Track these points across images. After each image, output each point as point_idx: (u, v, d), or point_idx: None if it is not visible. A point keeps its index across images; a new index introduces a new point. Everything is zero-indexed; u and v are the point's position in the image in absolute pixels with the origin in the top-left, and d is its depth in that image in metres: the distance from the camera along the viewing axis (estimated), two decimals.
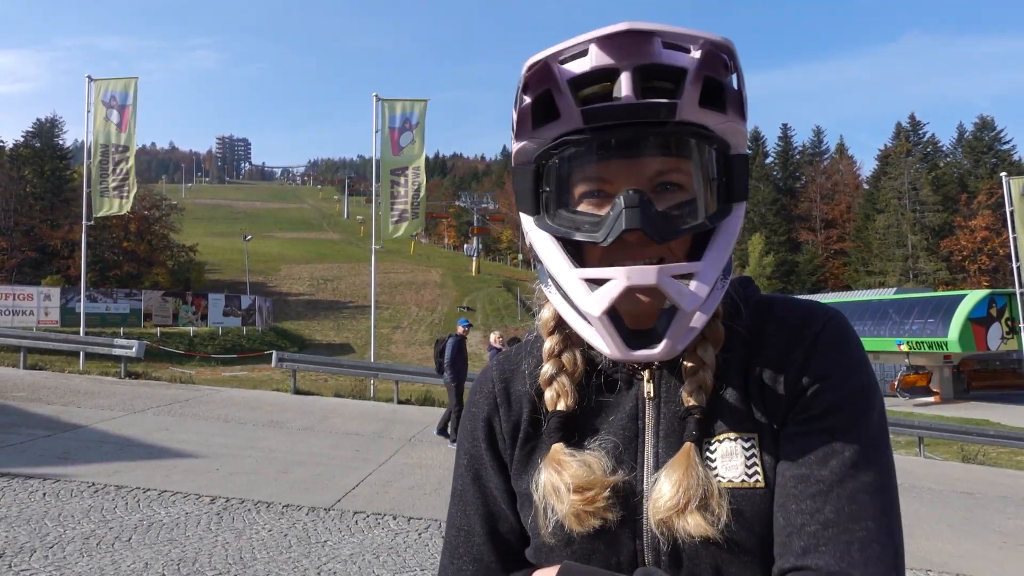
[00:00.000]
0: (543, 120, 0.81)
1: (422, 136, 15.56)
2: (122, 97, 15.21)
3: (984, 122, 66.90)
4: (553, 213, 0.84)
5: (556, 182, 0.84)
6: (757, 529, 0.79)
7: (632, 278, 0.76)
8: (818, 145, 78.45)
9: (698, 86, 0.77)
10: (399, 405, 14.20)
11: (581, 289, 0.80)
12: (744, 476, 0.80)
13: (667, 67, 0.77)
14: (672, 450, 0.83)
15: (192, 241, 54.91)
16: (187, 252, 53.06)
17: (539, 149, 0.83)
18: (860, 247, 62.30)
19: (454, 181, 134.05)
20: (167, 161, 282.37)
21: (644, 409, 0.87)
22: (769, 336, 0.87)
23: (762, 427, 0.82)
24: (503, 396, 0.95)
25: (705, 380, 0.84)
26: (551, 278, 0.84)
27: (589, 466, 0.83)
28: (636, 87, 0.77)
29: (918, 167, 61.50)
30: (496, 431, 0.95)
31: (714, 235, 0.81)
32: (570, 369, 0.90)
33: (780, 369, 0.84)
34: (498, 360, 1.01)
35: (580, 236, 0.80)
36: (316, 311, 50.16)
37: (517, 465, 0.92)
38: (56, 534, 5.22)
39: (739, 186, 0.83)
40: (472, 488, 0.96)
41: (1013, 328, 30.53)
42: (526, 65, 0.78)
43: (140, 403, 11.10)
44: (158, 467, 7.37)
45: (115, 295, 34.85)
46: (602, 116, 0.78)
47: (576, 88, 0.78)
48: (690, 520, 0.78)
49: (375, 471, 8.07)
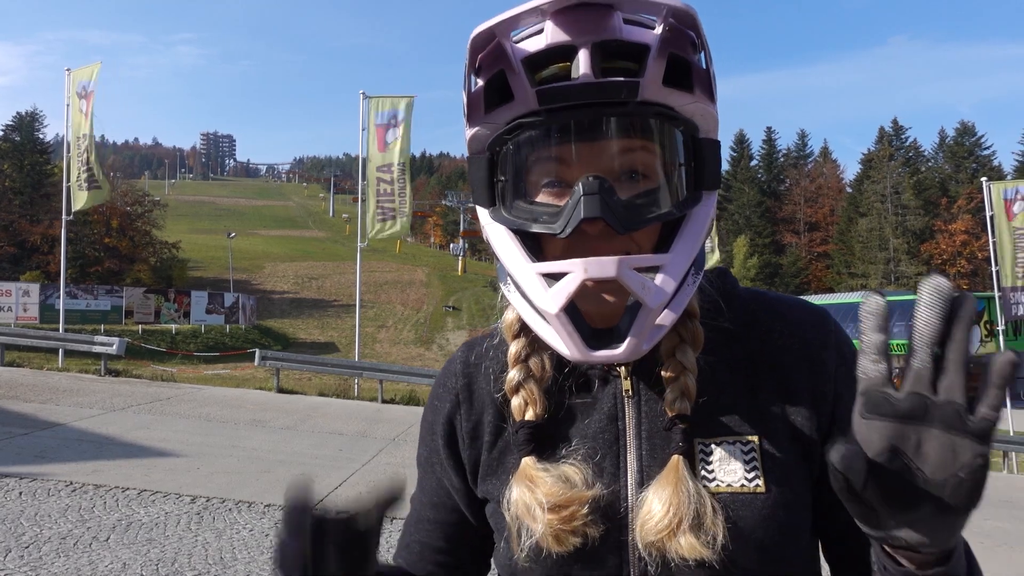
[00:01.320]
0: (496, 103, 0.75)
1: (408, 133, 15.47)
2: (89, 85, 15.01)
3: (965, 128, 67.79)
4: (509, 204, 0.77)
5: (512, 170, 0.77)
6: (757, 536, 0.75)
7: (589, 270, 0.70)
8: (802, 148, 79.12)
9: (662, 63, 0.71)
10: (383, 404, 14.13)
11: (538, 285, 0.73)
12: (744, 480, 0.76)
13: (628, 43, 0.71)
14: (657, 453, 0.78)
15: (175, 238, 54.36)
16: (170, 249, 52.49)
17: (492, 135, 0.77)
18: (843, 250, 62.92)
19: (440, 180, 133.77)
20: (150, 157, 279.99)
21: (623, 408, 0.82)
22: (779, 335, 0.83)
23: (766, 428, 0.79)
24: (465, 393, 0.90)
25: (688, 386, 0.78)
26: (509, 275, 0.78)
27: (566, 479, 0.77)
28: (595, 65, 0.70)
29: (900, 171, 62.20)
30: (456, 430, 0.90)
31: (683, 225, 0.74)
32: (538, 374, 0.83)
33: (810, 369, 0.81)
34: (463, 351, 0.94)
35: (537, 228, 0.74)
36: (300, 309, 49.84)
37: (485, 468, 0.88)
38: (32, 534, 5.14)
39: (710, 173, 0.76)
40: (429, 478, 0.96)
41: (992, 331, 30.96)
42: (472, 37, 0.71)
43: (120, 401, 10.97)
44: (138, 466, 7.29)
45: (96, 292, 34.38)
46: (558, 96, 0.71)
47: (532, 69, 0.72)
48: (683, 542, 0.72)
49: (358, 471, 8.03)
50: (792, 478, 0.78)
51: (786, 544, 0.77)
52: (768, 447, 0.78)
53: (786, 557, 0.77)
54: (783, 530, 0.76)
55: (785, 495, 0.77)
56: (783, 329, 0.83)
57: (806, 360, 0.81)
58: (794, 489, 0.78)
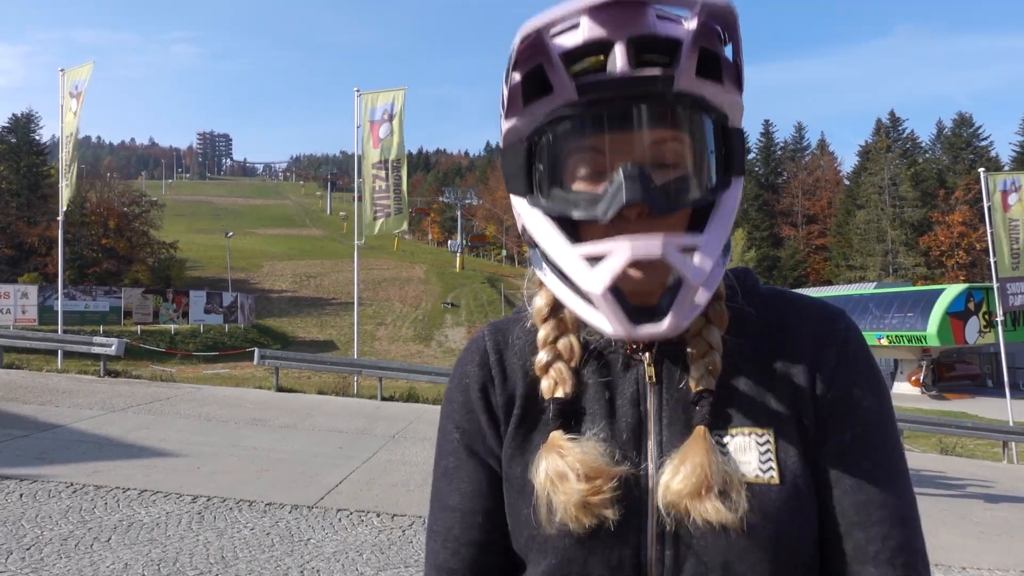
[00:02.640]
0: (534, 96, 0.77)
1: (402, 126, 15.40)
2: (80, 84, 14.98)
3: (963, 119, 67.78)
4: (547, 192, 0.79)
5: (550, 159, 0.79)
6: (771, 526, 0.77)
7: (636, 250, 0.72)
8: (800, 141, 79.09)
9: (694, 57, 0.74)
10: (383, 402, 14.13)
11: (581, 267, 0.75)
12: (759, 472, 0.79)
13: (661, 38, 0.74)
14: (676, 439, 0.81)
15: (173, 238, 54.25)
16: (168, 249, 52.38)
17: (531, 126, 0.79)
18: (841, 242, 62.91)
19: (437, 177, 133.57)
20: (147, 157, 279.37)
21: (646, 394, 0.84)
22: (793, 329, 0.86)
23: (779, 421, 0.81)
24: (498, 366, 0.91)
25: (714, 363, 0.81)
26: (546, 260, 0.80)
27: (594, 454, 0.80)
28: (631, 59, 0.73)
29: (898, 163, 62.14)
30: (492, 402, 0.90)
31: (715, 209, 0.78)
32: (567, 356, 0.86)
33: (811, 366, 0.83)
34: (489, 330, 0.95)
35: (578, 214, 0.76)
36: (299, 308, 49.81)
37: (510, 445, 0.87)
38: (33, 535, 5.14)
39: (738, 159, 0.80)
40: (467, 465, 0.90)
41: (990, 322, 31.01)
42: (519, 36, 0.74)
43: (120, 402, 10.96)
44: (138, 466, 7.29)
45: (94, 292, 34.33)
46: (597, 88, 0.74)
47: (568, 63, 0.75)
48: (708, 506, 0.75)
49: (359, 468, 8.03)
50: (804, 469, 0.81)
51: (798, 533, 0.80)
52: (783, 439, 0.81)
53: (798, 544, 0.80)
54: (796, 519, 0.79)
55: (798, 486, 0.80)
56: (798, 326, 0.86)
57: (811, 354, 0.84)
58: (805, 480, 0.81)
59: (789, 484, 0.79)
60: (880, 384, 0.85)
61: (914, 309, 34.41)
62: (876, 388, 0.84)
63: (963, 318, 33.73)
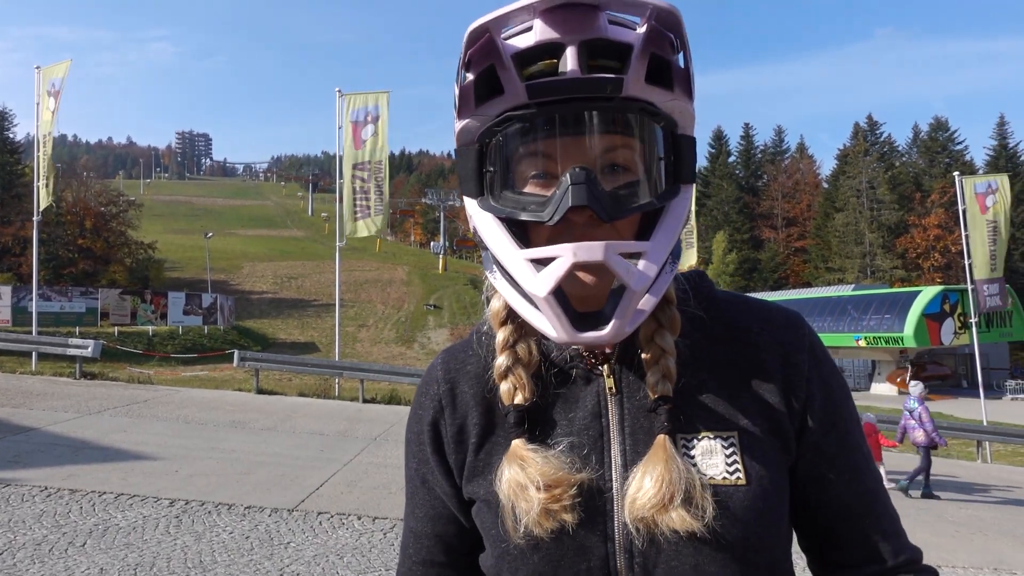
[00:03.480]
0: (486, 96, 0.78)
1: (384, 129, 15.37)
2: (57, 83, 14.78)
3: (939, 123, 68.74)
4: (498, 194, 0.80)
5: (500, 161, 0.80)
6: (739, 527, 0.78)
7: (579, 254, 0.73)
8: (779, 144, 79.76)
9: (644, 62, 0.75)
10: (364, 404, 14.06)
11: (527, 270, 0.76)
12: (725, 473, 0.80)
13: (613, 43, 0.75)
14: (639, 447, 0.81)
15: (151, 238, 53.58)
16: (146, 249, 51.70)
17: (482, 127, 0.80)
18: (820, 244, 63.55)
19: (420, 178, 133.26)
20: (124, 156, 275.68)
21: (606, 405, 0.84)
22: (754, 334, 0.87)
23: (744, 424, 0.82)
24: (448, 398, 0.92)
25: (668, 368, 0.81)
26: (496, 263, 0.81)
27: (555, 463, 0.80)
28: (582, 62, 0.74)
29: (875, 166, 62.87)
30: (442, 435, 0.92)
31: (662, 216, 0.78)
32: (525, 360, 0.86)
33: (785, 373, 0.85)
34: (443, 358, 0.96)
35: (525, 216, 0.77)
36: (280, 309, 49.40)
37: (470, 470, 0.89)
38: (6, 540, 5.04)
39: (687, 167, 0.80)
40: (420, 492, 0.95)
41: (965, 323, 31.54)
42: (468, 33, 0.74)
43: (96, 404, 10.80)
44: (114, 469, 7.18)
45: (70, 293, 33.81)
46: (547, 91, 0.75)
47: (521, 65, 0.75)
48: (674, 516, 0.76)
49: (340, 471, 7.98)
50: (771, 470, 0.82)
51: (766, 533, 0.81)
52: (748, 441, 0.82)
53: (766, 544, 0.81)
54: (763, 519, 0.80)
55: (764, 486, 0.80)
56: (760, 329, 0.88)
57: (781, 359, 0.86)
58: (773, 480, 0.82)
59: (755, 485, 0.80)
60: (843, 380, 0.91)
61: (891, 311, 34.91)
62: (843, 385, 0.90)
63: (939, 319, 34.28)
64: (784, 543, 0.85)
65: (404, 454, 0.98)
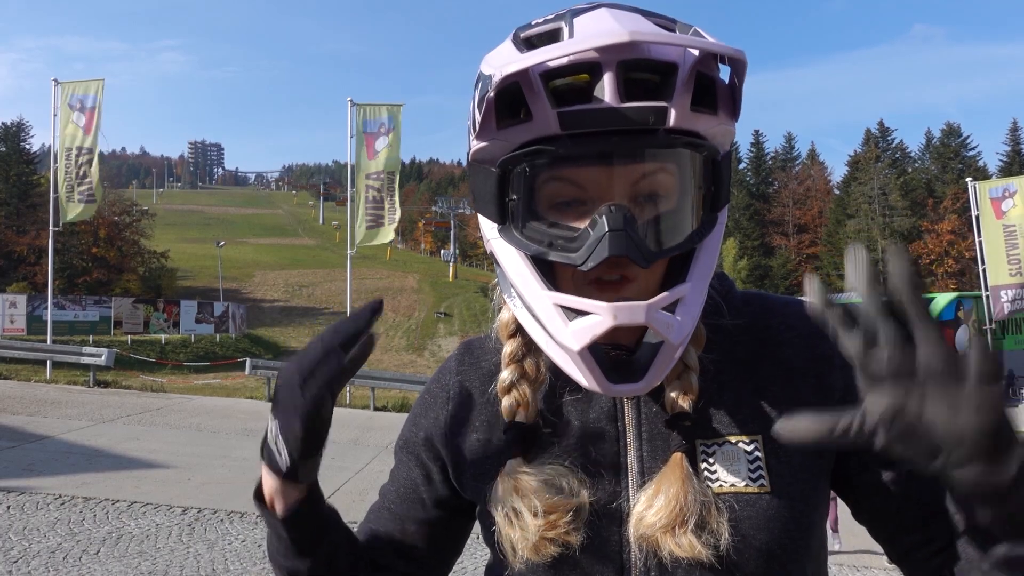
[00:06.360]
0: (510, 119, 0.70)
1: (398, 141, 15.50)
2: (88, 99, 14.94)
3: (951, 129, 68.41)
4: (522, 225, 0.73)
5: (525, 191, 0.72)
6: (760, 537, 0.74)
7: (619, 317, 0.68)
8: (790, 151, 79.55)
9: (690, 86, 0.68)
10: (375, 412, 14.08)
11: (556, 317, 0.71)
12: (748, 480, 0.75)
13: (653, 61, 0.68)
14: (658, 455, 0.77)
15: (164, 247, 54.01)
16: (159, 258, 52.10)
17: (504, 152, 0.72)
18: (831, 251, 63.22)
19: (430, 186, 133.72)
20: (137, 166, 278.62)
21: (623, 409, 0.80)
22: (778, 332, 0.82)
23: (769, 428, 0.76)
24: (456, 390, 0.90)
25: (690, 384, 0.78)
26: (516, 293, 0.75)
27: (553, 485, 0.76)
28: (620, 87, 0.67)
29: (887, 173, 62.63)
30: (443, 426, 0.89)
31: (698, 252, 0.74)
32: (532, 375, 0.82)
33: (812, 367, 0.80)
34: (460, 351, 0.94)
35: (556, 256, 0.71)
36: (291, 318, 49.61)
37: (474, 468, 0.86)
38: (20, 548, 5.08)
39: (724, 192, 0.75)
40: (401, 469, 0.95)
41: (980, 330, 31.19)
42: (502, 73, 0.66)
43: (109, 412, 10.87)
44: (128, 478, 7.22)
45: (84, 302, 34.06)
46: (582, 121, 0.67)
47: (548, 78, 0.68)
48: (683, 540, 0.71)
49: (351, 479, 7.98)
50: (800, 476, 0.77)
51: (791, 545, 0.75)
52: (773, 446, 0.76)
53: (790, 558, 0.76)
54: (787, 530, 0.75)
55: (791, 494, 0.76)
56: (781, 326, 0.83)
57: (808, 354, 0.81)
58: (801, 488, 0.77)
59: (780, 491, 0.75)
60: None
61: None
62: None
63: (953, 326, 33.95)
64: (816, 554, 0.80)
65: (404, 423, 0.97)
